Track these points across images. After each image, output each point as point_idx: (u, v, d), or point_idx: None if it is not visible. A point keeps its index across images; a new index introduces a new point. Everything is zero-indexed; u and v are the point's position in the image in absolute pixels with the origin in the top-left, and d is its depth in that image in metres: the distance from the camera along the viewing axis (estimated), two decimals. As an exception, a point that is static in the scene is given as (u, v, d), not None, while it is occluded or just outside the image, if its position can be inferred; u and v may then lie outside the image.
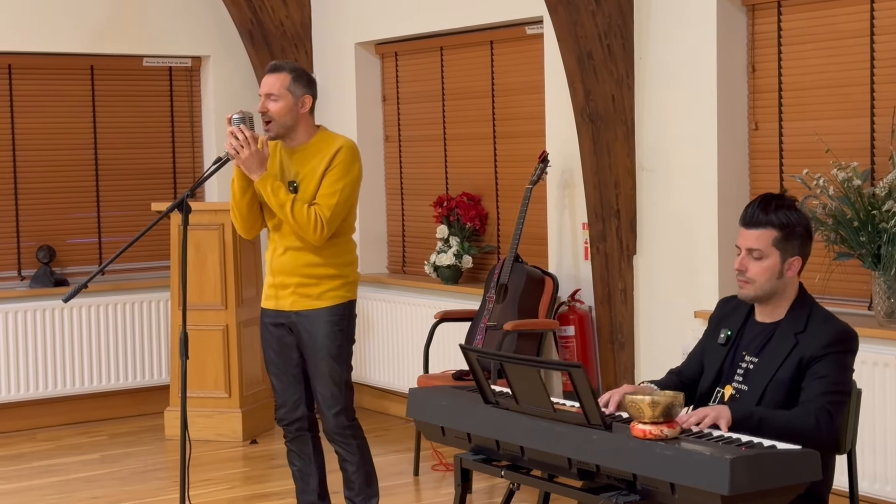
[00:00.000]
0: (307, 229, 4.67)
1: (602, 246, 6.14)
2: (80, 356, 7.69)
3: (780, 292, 3.68)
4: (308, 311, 4.83)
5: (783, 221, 3.63)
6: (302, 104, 4.75)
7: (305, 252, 4.79)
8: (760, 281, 3.65)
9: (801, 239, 3.65)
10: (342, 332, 4.86)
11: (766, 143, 5.71)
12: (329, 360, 4.83)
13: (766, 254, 3.64)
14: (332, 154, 4.73)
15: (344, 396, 4.87)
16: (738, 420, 3.39)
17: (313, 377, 4.87)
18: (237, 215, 4.84)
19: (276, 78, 4.74)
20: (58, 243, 7.87)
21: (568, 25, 5.92)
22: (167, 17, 8.03)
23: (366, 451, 4.98)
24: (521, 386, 3.50)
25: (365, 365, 7.82)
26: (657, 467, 3.13)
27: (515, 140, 7.05)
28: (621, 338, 6.15)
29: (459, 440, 3.75)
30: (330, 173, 4.71)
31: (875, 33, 5.24)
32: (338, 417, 4.87)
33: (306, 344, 4.85)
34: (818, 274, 5.33)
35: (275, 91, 4.71)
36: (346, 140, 4.82)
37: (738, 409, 3.44)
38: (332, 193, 4.70)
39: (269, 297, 4.92)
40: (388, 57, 7.94)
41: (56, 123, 7.90)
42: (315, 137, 4.80)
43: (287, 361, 4.92)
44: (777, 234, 3.64)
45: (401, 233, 7.95)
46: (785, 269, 3.65)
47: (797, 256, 3.65)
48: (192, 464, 6.66)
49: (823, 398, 3.48)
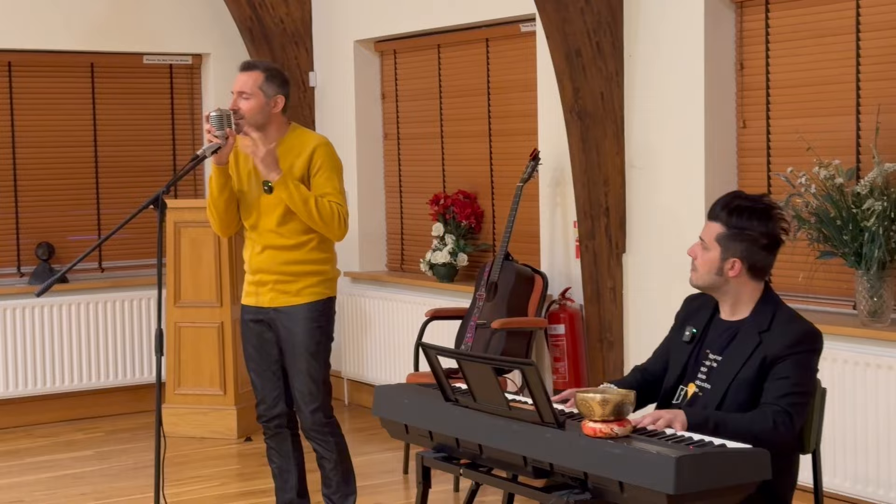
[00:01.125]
0: (332, 223, 4.69)
1: (591, 244, 6.12)
2: (79, 353, 7.72)
3: (729, 290, 3.64)
4: (287, 308, 4.83)
5: (733, 221, 3.60)
6: (274, 103, 4.75)
7: (284, 250, 4.80)
8: (702, 271, 3.66)
9: (747, 243, 3.60)
10: (321, 329, 4.87)
11: (753, 140, 5.67)
12: (307, 356, 4.83)
13: (709, 247, 3.64)
14: (310, 154, 4.73)
15: (322, 393, 4.87)
16: (694, 424, 3.36)
17: (291, 374, 4.87)
18: (214, 213, 4.85)
19: (248, 76, 4.74)
20: (57, 240, 7.90)
21: (556, 23, 5.90)
22: (167, 15, 8.06)
23: (343, 448, 4.97)
24: (477, 384, 3.48)
25: (361, 362, 7.83)
26: (606, 466, 3.11)
27: (510, 138, 7.04)
28: (610, 336, 6.12)
29: (422, 438, 3.74)
30: (320, 173, 4.73)
31: (861, 31, 5.20)
32: (315, 414, 4.86)
33: (285, 340, 4.85)
34: (802, 273, 5.30)
35: (247, 89, 4.71)
36: (320, 137, 4.83)
37: (694, 413, 3.41)
38: (335, 191, 4.74)
39: (249, 294, 4.93)
40: (388, 55, 7.94)
41: (56, 121, 7.93)
42: (287, 136, 4.79)
43: (266, 358, 4.92)
44: (722, 231, 3.61)
45: (399, 230, 7.95)
46: (726, 268, 3.61)
47: (737, 259, 3.61)
48: (185, 460, 6.76)
49: (783, 400, 3.45)
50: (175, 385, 7.30)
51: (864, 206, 4.85)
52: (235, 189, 4.84)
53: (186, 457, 6.85)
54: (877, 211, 4.82)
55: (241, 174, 4.85)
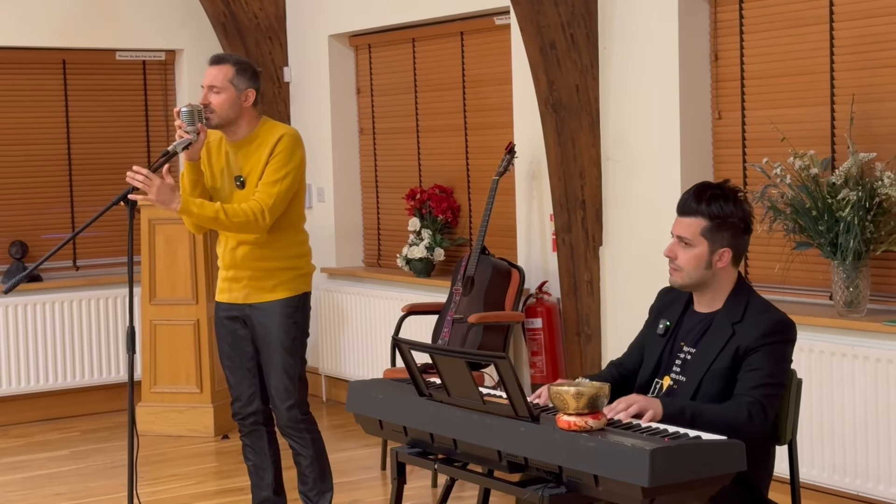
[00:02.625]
0: (248, 227, 4.63)
1: (568, 237, 6.09)
2: (54, 351, 7.66)
3: (712, 282, 3.62)
4: (262, 304, 4.80)
5: (714, 212, 3.57)
6: (245, 97, 4.71)
7: (257, 246, 4.76)
8: (688, 269, 3.61)
9: (732, 230, 3.59)
10: (296, 325, 4.83)
11: (729, 132, 5.66)
12: (282, 352, 4.80)
13: (694, 243, 3.60)
14: (274, 143, 4.69)
15: (298, 390, 4.84)
16: (670, 414, 3.34)
17: (267, 370, 4.83)
18: None
19: (218, 70, 4.70)
20: (31, 239, 7.84)
21: (530, 15, 5.87)
22: (140, 11, 8.00)
23: (320, 444, 4.94)
24: (451, 378, 3.45)
25: (338, 358, 7.79)
26: (581, 459, 3.08)
27: (486, 132, 7.01)
28: (588, 330, 6.10)
29: (396, 434, 3.71)
30: (272, 161, 4.67)
31: (834, 20, 5.19)
32: (291, 411, 4.83)
33: (260, 336, 4.82)
34: (778, 264, 5.29)
35: (217, 83, 4.67)
36: (287, 128, 4.79)
37: (671, 403, 3.40)
38: (275, 182, 4.65)
39: (223, 291, 4.89)
40: (362, 49, 7.90)
41: (28, 118, 7.87)
42: (257, 129, 4.75)
43: (241, 355, 4.89)
44: (706, 224, 3.58)
45: (376, 226, 7.92)
46: (714, 260, 3.59)
47: (726, 248, 3.59)
48: (161, 459, 6.71)
49: (757, 391, 3.44)
50: (151, 383, 7.25)
51: (840, 197, 4.84)
52: (208, 185, 4.79)
53: (163, 455, 6.81)
54: (852, 201, 4.81)
55: (213, 170, 4.80)
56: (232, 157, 4.75)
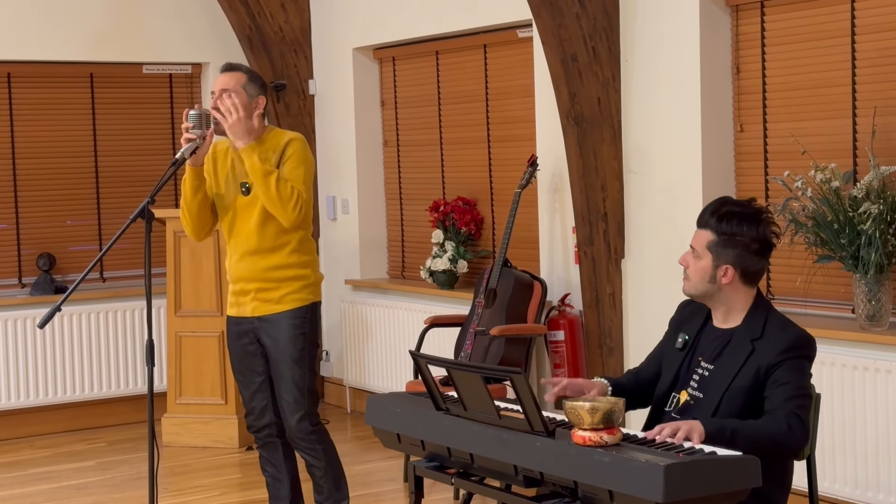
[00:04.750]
0: (287, 205, 4.62)
1: (590, 250, 6.10)
2: (81, 363, 7.72)
3: (721, 297, 3.63)
4: (270, 316, 4.81)
5: (723, 228, 3.58)
6: (256, 104, 4.74)
7: (262, 255, 4.77)
8: (694, 280, 3.64)
9: (740, 250, 3.58)
10: (304, 336, 4.82)
11: (751, 144, 5.65)
12: (291, 364, 4.81)
13: (701, 255, 3.62)
14: (283, 147, 4.72)
15: (307, 401, 4.83)
16: (711, 434, 3.31)
17: (276, 382, 4.84)
18: (187, 216, 4.82)
19: (230, 76, 4.75)
20: (58, 251, 7.91)
21: (552, 28, 5.88)
22: (166, 25, 8.06)
23: (332, 454, 4.93)
24: (467, 392, 3.47)
25: (362, 369, 7.82)
26: (596, 474, 3.09)
27: (508, 144, 7.02)
28: (610, 342, 6.10)
29: (414, 447, 3.73)
30: (288, 162, 4.70)
31: (856, 33, 5.18)
32: (301, 423, 4.83)
33: (269, 349, 4.83)
34: (800, 277, 5.28)
35: (230, 87, 4.70)
36: (295, 134, 4.82)
37: (711, 422, 3.37)
38: (298, 179, 4.68)
39: (232, 305, 4.91)
40: (386, 61, 7.94)
41: (56, 131, 7.94)
42: (263, 136, 4.78)
43: (252, 368, 4.91)
44: (713, 239, 3.60)
45: (400, 238, 7.94)
46: (719, 275, 3.59)
47: (729, 266, 3.59)
48: (186, 470, 6.75)
49: (789, 403, 3.43)
50: (176, 394, 7.30)
51: (861, 210, 4.82)
52: (212, 192, 4.82)
53: (187, 466, 6.85)
54: (873, 214, 4.79)
55: (218, 177, 4.82)
56: (238, 164, 4.78)
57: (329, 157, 8.18)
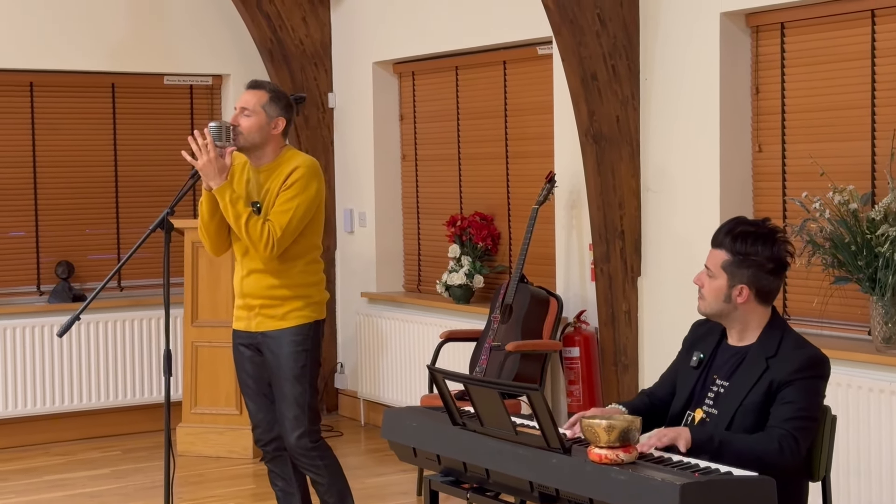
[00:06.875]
0: (258, 245, 4.65)
1: (606, 267, 6.11)
2: (97, 371, 7.76)
3: (736, 316, 3.65)
4: (273, 332, 4.83)
5: (738, 248, 3.60)
6: (275, 125, 4.76)
7: (268, 274, 4.79)
8: (709, 299, 3.67)
9: (754, 269, 3.60)
10: (306, 353, 4.83)
11: (769, 165, 5.67)
12: (292, 380, 4.81)
13: (716, 275, 3.64)
14: (288, 172, 4.72)
15: (307, 419, 4.82)
16: (698, 442, 3.36)
17: (277, 399, 4.84)
18: (205, 236, 4.85)
19: (253, 94, 4.76)
20: (77, 259, 7.95)
21: (572, 46, 5.91)
22: (188, 37, 8.11)
23: (335, 469, 4.92)
24: (484, 408, 3.49)
25: (377, 383, 7.84)
26: (612, 492, 3.11)
27: (527, 160, 7.05)
28: (625, 360, 6.11)
29: (430, 461, 3.75)
30: (285, 191, 4.70)
31: (876, 55, 5.19)
32: (300, 440, 4.82)
33: (271, 365, 4.84)
34: (816, 298, 5.28)
35: (249, 106, 4.73)
36: (306, 158, 4.80)
37: (699, 431, 3.41)
38: (285, 211, 4.68)
39: (238, 319, 4.93)
40: (406, 76, 7.97)
41: (77, 141, 7.99)
42: (279, 157, 4.79)
43: (258, 383, 4.92)
44: (728, 258, 3.62)
45: (416, 252, 7.97)
46: (734, 295, 3.61)
47: (745, 285, 3.60)
48: (200, 480, 6.77)
49: (789, 423, 3.45)
50: (192, 404, 7.33)
51: (879, 232, 4.83)
52: None
53: (202, 476, 6.87)
54: (891, 237, 4.80)
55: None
56: (252, 183, 4.80)
57: (347, 170, 8.21)
